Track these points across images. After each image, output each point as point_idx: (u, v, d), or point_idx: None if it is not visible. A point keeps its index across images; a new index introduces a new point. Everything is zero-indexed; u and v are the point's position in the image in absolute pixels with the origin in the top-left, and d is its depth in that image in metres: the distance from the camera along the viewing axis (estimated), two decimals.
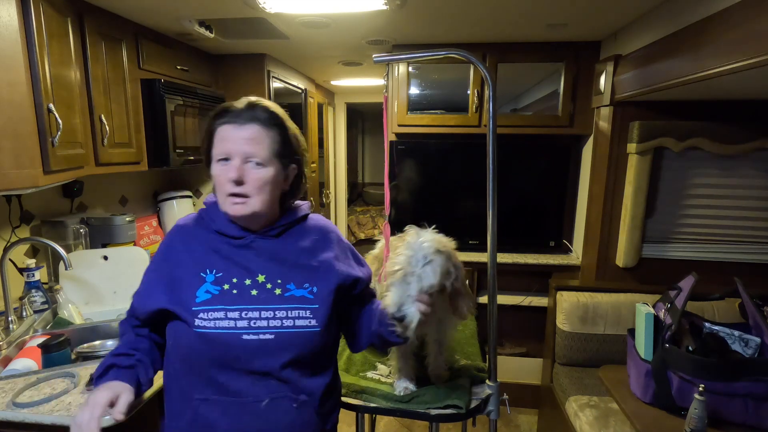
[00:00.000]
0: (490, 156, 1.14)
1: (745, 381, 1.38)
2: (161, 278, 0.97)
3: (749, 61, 1.18)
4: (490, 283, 1.19)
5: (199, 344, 0.90)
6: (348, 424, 2.43)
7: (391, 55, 1.20)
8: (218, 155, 0.92)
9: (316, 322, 0.93)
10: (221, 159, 0.92)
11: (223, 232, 0.97)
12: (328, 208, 4.57)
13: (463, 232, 2.61)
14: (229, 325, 0.89)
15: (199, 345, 0.90)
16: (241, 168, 0.90)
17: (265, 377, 0.90)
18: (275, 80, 2.83)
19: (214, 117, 0.95)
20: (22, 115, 1.33)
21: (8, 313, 1.57)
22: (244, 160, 0.91)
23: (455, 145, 2.60)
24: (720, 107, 2.01)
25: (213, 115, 0.95)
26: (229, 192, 0.91)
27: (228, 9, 1.86)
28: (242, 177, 0.90)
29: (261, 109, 0.93)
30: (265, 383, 0.90)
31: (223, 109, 0.94)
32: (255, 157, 0.91)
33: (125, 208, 2.36)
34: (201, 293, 0.92)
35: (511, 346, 2.69)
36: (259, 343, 0.89)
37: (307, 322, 0.93)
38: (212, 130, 0.94)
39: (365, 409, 1.17)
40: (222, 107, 0.95)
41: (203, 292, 0.92)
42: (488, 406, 1.18)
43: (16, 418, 1.10)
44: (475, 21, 2.02)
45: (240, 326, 0.89)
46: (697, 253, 2.19)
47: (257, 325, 0.90)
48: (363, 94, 4.64)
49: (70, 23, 1.56)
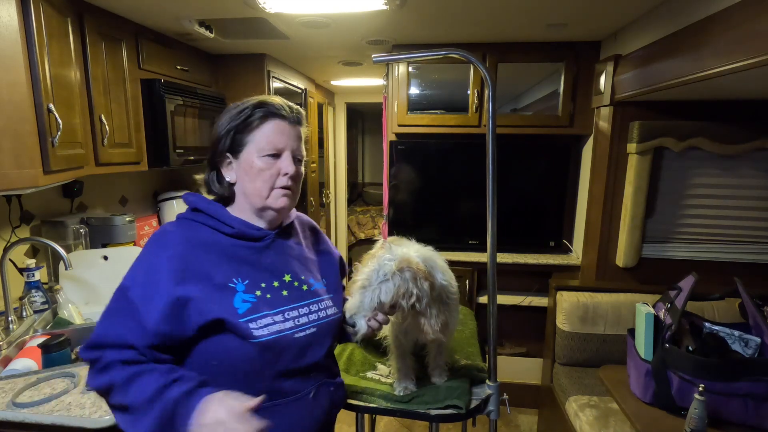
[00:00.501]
0: (490, 156, 1.14)
1: (745, 381, 1.38)
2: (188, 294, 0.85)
3: (749, 61, 1.18)
4: (490, 283, 1.19)
5: (260, 354, 0.87)
6: (348, 424, 2.43)
7: (390, 55, 1.20)
8: (267, 149, 0.92)
9: (337, 309, 1.03)
10: (270, 154, 0.93)
11: (245, 234, 0.94)
12: (328, 208, 4.57)
13: (463, 232, 2.63)
14: (280, 328, 0.90)
15: (259, 355, 0.87)
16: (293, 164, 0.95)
17: (310, 370, 0.96)
18: (275, 80, 2.83)
19: (256, 110, 0.93)
20: (22, 115, 1.33)
21: (8, 313, 1.57)
22: (292, 155, 0.95)
23: (455, 145, 2.60)
24: (720, 107, 2.01)
25: (254, 109, 0.93)
26: (282, 185, 0.94)
27: (228, 9, 1.86)
28: (296, 171, 0.96)
29: (298, 111, 0.99)
30: (311, 375, 0.97)
31: (266, 104, 0.94)
32: (299, 155, 0.97)
33: (125, 208, 2.36)
34: (239, 303, 0.88)
35: (511, 346, 2.69)
36: (307, 338, 0.94)
37: (334, 310, 1.02)
38: (255, 124, 0.93)
39: (365, 409, 1.17)
40: (261, 102, 0.94)
41: (241, 302, 0.89)
42: (488, 406, 1.18)
43: (16, 418, 1.10)
44: (475, 21, 2.02)
45: (288, 327, 0.92)
46: (697, 253, 2.19)
47: (301, 322, 0.94)
48: (363, 94, 4.64)
49: (70, 23, 1.56)
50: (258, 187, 0.93)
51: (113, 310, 0.86)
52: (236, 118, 0.94)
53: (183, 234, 0.92)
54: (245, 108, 0.94)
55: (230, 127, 0.94)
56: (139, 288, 0.86)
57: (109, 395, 0.83)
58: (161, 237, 0.92)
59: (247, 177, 0.94)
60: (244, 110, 0.93)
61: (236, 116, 0.94)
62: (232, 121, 0.94)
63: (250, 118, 0.93)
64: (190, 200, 0.97)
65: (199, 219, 0.95)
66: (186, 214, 0.97)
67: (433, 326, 1.01)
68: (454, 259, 2.43)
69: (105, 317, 0.86)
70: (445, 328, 1.05)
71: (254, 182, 0.93)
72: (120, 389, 0.81)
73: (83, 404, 1.14)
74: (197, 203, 0.96)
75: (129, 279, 0.88)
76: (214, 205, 0.97)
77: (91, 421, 1.08)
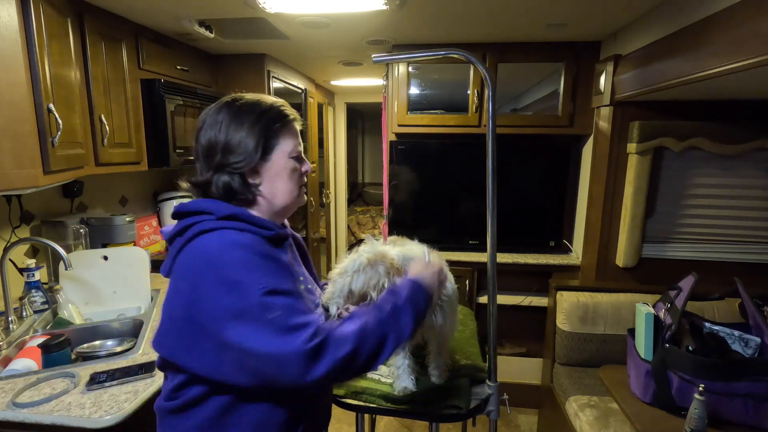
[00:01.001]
0: (490, 156, 1.14)
1: (745, 381, 1.38)
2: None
3: (749, 61, 1.18)
4: (490, 283, 1.19)
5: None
6: (348, 424, 2.43)
7: (390, 55, 1.20)
8: (294, 152, 0.96)
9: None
10: (296, 156, 0.97)
11: (281, 235, 0.94)
12: (328, 208, 4.57)
13: (463, 232, 2.63)
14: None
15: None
16: None
17: None
18: (275, 80, 2.83)
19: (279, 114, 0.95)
20: (22, 115, 1.33)
21: (8, 313, 1.57)
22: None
23: (455, 145, 2.60)
24: (720, 107, 2.01)
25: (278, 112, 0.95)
26: (304, 183, 1.01)
27: (228, 9, 1.86)
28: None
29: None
30: None
31: (283, 107, 0.97)
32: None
33: (125, 208, 2.36)
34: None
35: (511, 346, 2.69)
36: None
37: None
38: (283, 128, 0.95)
39: (365, 409, 1.17)
40: (279, 106, 0.96)
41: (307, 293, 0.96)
42: (488, 406, 1.18)
43: (16, 418, 1.10)
44: (475, 21, 2.02)
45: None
46: (697, 253, 2.19)
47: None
48: (363, 94, 4.64)
49: (70, 23, 1.56)
50: (290, 188, 0.96)
51: (282, 311, 0.78)
52: (259, 123, 0.92)
53: (249, 239, 0.85)
54: (264, 111, 0.93)
55: (258, 131, 0.92)
56: (278, 280, 0.82)
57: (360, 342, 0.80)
58: (238, 244, 0.83)
59: (278, 178, 0.95)
60: (264, 115, 0.93)
61: (258, 121, 0.92)
62: (255, 126, 0.91)
63: (276, 123, 0.94)
64: (213, 207, 0.88)
65: (238, 226, 0.87)
66: (219, 224, 0.86)
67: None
68: (454, 259, 2.43)
69: (280, 323, 0.77)
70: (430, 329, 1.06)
71: (287, 183, 0.96)
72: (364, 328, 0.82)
73: (83, 404, 1.14)
74: (228, 209, 0.89)
75: (262, 283, 0.79)
76: (243, 210, 0.91)
77: (91, 421, 1.08)
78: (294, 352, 0.75)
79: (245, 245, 0.83)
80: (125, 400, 1.15)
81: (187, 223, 0.88)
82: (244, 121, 0.92)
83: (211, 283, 0.79)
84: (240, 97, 0.96)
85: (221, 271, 0.79)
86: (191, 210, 0.90)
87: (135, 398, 1.16)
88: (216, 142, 0.91)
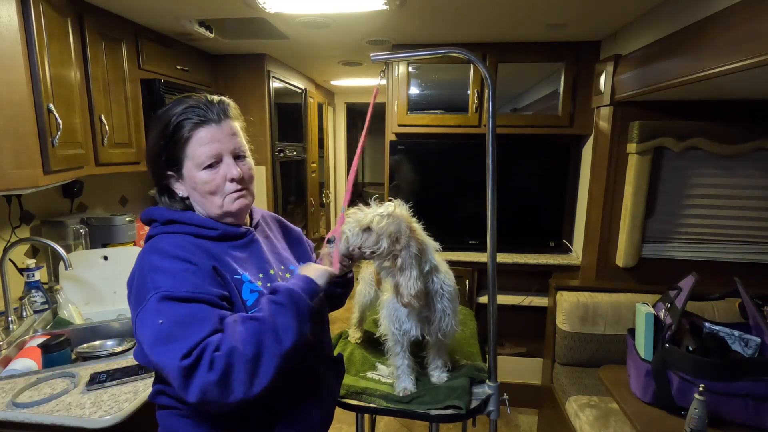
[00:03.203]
0: (490, 156, 1.14)
1: (745, 381, 1.38)
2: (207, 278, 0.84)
3: (749, 61, 1.18)
4: (490, 283, 1.18)
5: None
6: (348, 424, 2.43)
7: (389, 54, 1.19)
8: (205, 162, 0.87)
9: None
10: (209, 165, 0.88)
11: (229, 233, 0.92)
12: (328, 208, 4.57)
13: (463, 232, 2.63)
14: None
15: None
16: (236, 164, 0.90)
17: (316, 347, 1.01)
18: (275, 80, 2.83)
19: (180, 122, 0.86)
20: (22, 115, 1.33)
21: (8, 313, 1.57)
22: (233, 156, 0.90)
23: (455, 145, 2.60)
24: (720, 107, 2.01)
25: (178, 121, 0.86)
26: (233, 190, 0.91)
27: (228, 9, 1.86)
28: (241, 173, 0.90)
29: (224, 103, 0.91)
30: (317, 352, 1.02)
31: (187, 111, 0.87)
32: (240, 151, 0.92)
33: (125, 208, 2.36)
34: (247, 295, 0.88)
35: (511, 346, 2.69)
36: None
37: None
38: (184, 137, 0.87)
39: (365, 410, 1.17)
40: (183, 110, 0.87)
41: (248, 293, 0.88)
42: (488, 406, 1.18)
43: (16, 418, 1.10)
44: (475, 21, 2.02)
45: None
46: (697, 253, 2.19)
47: None
48: (363, 94, 4.64)
49: (70, 23, 1.56)
50: (210, 199, 0.90)
51: (176, 322, 0.76)
52: (164, 134, 0.87)
53: (173, 241, 0.86)
54: (168, 121, 0.87)
55: (161, 146, 0.88)
56: (179, 284, 0.79)
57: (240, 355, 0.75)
58: (157, 249, 0.84)
59: (195, 192, 0.90)
60: (168, 124, 0.87)
61: (163, 132, 0.88)
62: (160, 138, 0.88)
63: (178, 133, 0.87)
64: (158, 214, 0.91)
65: (178, 230, 0.89)
66: (160, 229, 0.90)
67: (408, 288, 1.04)
68: (454, 259, 2.43)
69: (169, 337, 0.74)
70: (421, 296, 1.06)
71: (204, 196, 0.90)
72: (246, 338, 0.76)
73: (83, 404, 1.14)
74: (168, 214, 0.90)
75: (160, 287, 0.78)
76: (187, 212, 0.92)
77: (91, 421, 1.08)
78: (170, 366, 0.73)
79: (161, 250, 0.84)
80: (125, 400, 1.15)
81: (149, 231, 0.93)
82: (152, 133, 0.90)
83: (134, 287, 0.83)
84: (174, 101, 0.90)
85: (139, 276, 0.83)
86: (146, 218, 0.94)
87: (135, 398, 1.17)
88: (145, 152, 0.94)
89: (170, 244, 0.85)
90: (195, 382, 0.72)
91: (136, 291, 0.82)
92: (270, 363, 0.76)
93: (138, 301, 0.81)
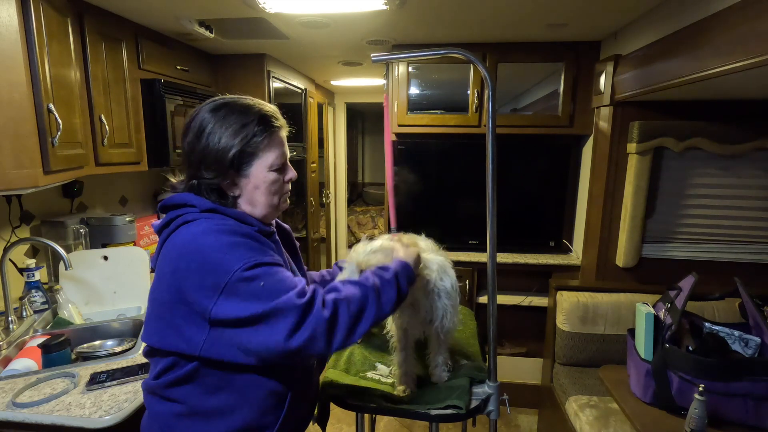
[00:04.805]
0: (490, 156, 1.14)
1: (745, 381, 1.38)
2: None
3: (749, 61, 1.18)
4: (490, 283, 1.19)
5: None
6: (348, 424, 2.43)
7: (389, 54, 1.19)
8: (276, 164, 0.94)
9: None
10: (280, 167, 0.95)
11: (264, 231, 0.95)
12: (328, 208, 4.57)
13: (463, 232, 2.63)
14: None
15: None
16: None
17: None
18: (275, 80, 2.83)
19: (259, 128, 0.90)
20: (22, 115, 1.33)
21: (8, 313, 1.57)
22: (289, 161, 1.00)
23: (455, 145, 2.60)
24: (720, 107, 2.01)
25: (257, 127, 0.90)
26: (288, 191, 1.00)
27: (228, 9, 1.86)
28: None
29: (283, 115, 0.99)
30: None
31: (266, 119, 0.92)
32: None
33: (125, 208, 2.36)
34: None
35: (511, 346, 2.69)
36: None
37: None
38: (263, 142, 0.91)
39: (365, 409, 1.17)
40: (262, 117, 0.91)
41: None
42: (488, 406, 1.18)
43: (16, 418, 1.11)
44: (475, 21, 2.02)
45: None
46: (697, 253, 2.19)
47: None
48: (363, 94, 4.64)
49: (70, 23, 1.56)
50: (269, 200, 0.96)
51: (270, 282, 0.82)
52: (239, 136, 0.89)
53: (222, 222, 0.87)
54: (246, 125, 0.90)
55: (237, 149, 0.89)
56: (257, 254, 0.84)
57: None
58: (211, 230, 0.85)
59: (258, 191, 0.94)
60: (246, 128, 0.89)
61: (238, 134, 0.89)
62: (234, 139, 0.89)
63: (256, 137, 0.90)
64: (198, 201, 0.90)
65: (220, 218, 0.90)
66: (199, 215, 0.89)
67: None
68: (454, 259, 2.40)
69: (266, 291, 0.80)
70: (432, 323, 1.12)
71: (266, 195, 0.95)
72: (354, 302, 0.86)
73: (83, 404, 1.14)
74: (210, 204, 0.91)
75: (242, 258, 0.81)
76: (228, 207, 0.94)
77: (91, 421, 1.08)
78: (289, 307, 0.79)
79: (225, 230, 0.85)
80: (125, 400, 1.15)
81: (172, 215, 0.91)
82: (223, 134, 0.89)
83: (195, 267, 0.81)
84: (226, 103, 0.92)
85: (203, 255, 0.82)
86: (176, 203, 0.93)
87: (135, 398, 1.17)
88: (193, 151, 0.91)
89: (224, 225, 0.86)
90: (310, 319, 0.79)
91: (206, 274, 0.81)
92: (367, 321, 0.85)
93: (218, 282, 0.80)
